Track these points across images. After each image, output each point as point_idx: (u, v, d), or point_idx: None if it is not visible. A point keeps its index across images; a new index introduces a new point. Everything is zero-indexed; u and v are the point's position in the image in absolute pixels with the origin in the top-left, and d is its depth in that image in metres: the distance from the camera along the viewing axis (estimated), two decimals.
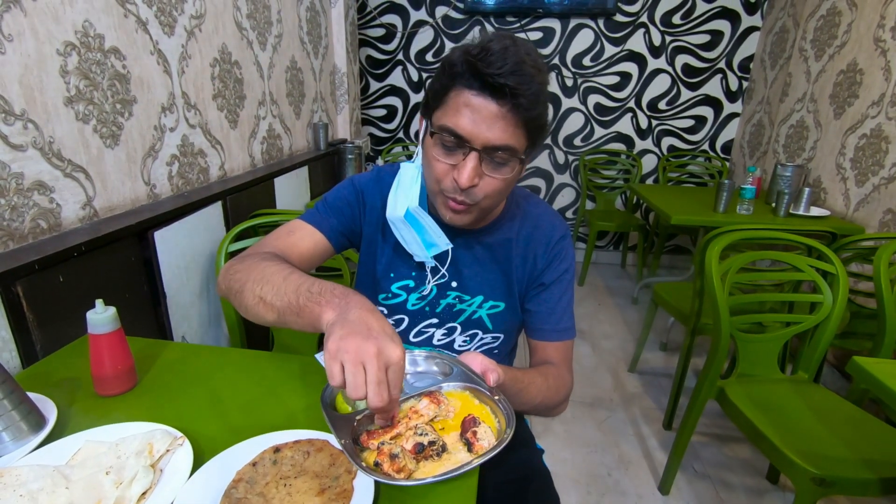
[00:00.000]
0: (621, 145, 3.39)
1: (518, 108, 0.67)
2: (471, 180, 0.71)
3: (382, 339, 0.54)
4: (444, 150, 0.73)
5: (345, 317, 0.57)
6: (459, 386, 0.68)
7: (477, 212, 0.77)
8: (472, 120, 0.68)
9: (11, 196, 0.94)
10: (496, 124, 0.68)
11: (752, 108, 3.09)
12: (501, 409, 0.62)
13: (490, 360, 0.70)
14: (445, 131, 0.70)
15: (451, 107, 0.70)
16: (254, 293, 0.68)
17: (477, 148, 0.70)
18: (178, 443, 0.65)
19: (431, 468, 0.58)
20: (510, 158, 0.71)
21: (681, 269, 3.55)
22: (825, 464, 1.10)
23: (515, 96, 0.66)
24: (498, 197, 0.76)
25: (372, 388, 0.52)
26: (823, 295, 1.37)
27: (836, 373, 2.08)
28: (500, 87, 0.65)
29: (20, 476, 0.58)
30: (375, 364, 0.53)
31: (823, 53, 2.43)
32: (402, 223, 0.83)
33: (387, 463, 0.56)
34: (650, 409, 2.01)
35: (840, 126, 2.26)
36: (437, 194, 0.78)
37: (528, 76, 0.66)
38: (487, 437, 0.60)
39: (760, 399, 1.35)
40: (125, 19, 1.20)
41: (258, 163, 1.96)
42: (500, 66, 0.64)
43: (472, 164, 0.70)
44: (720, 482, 1.64)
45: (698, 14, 3.05)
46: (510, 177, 0.73)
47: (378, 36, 3.31)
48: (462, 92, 0.69)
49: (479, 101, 0.67)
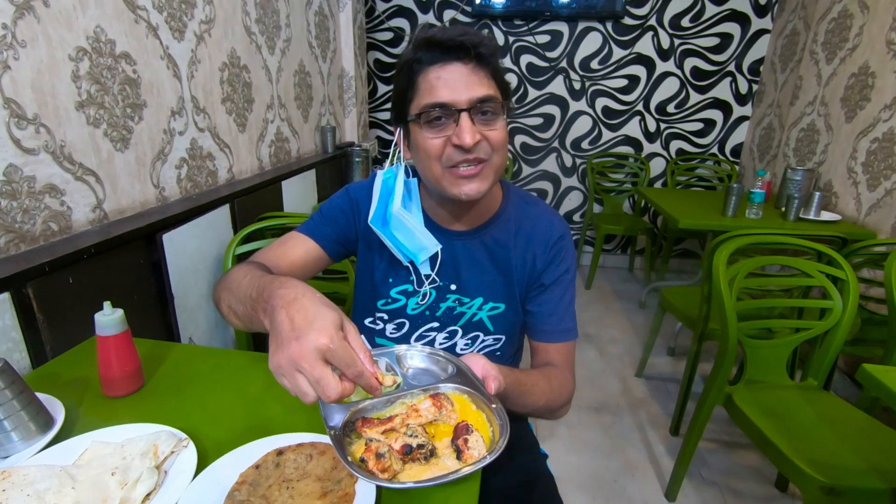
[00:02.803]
0: (629, 148, 3.38)
1: (482, 60, 0.72)
2: (473, 136, 0.72)
3: (303, 333, 0.49)
4: (434, 128, 0.74)
5: (272, 325, 0.54)
6: (458, 388, 0.67)
7: (491, 174, 0.77)
8: (448, 86, 0.72)
9: (23, 199, 0.96)
10: (470, 80, 0.72)
11: (762, 112, 3.06)
12: (497, 419, 0.61)
13: (492, 364, 0.69)
14: (428, 107, 0.73)
15: (424, 88, 0.73)
16: (226, 303, 0.70)
17: (464, 107, 0.72)
18: (182, 444, 0.65)
19: (417, 472, 0.57)
20: (496, 108, 0.74)
21: (689, 273, 3.52)
22: (834, 473, 1.08)
23: (476, 47, 0.71)
24: (505, 150, 0.78)
25: (316, 388, 0.49)
26: (834, 301, 1.36)
27: (846, 380, 2.05)
28: (459, 46, 0.71)
29: (28, 476, 0.59)
30: (308, 364, 0.48)
31: (835, 56, 2.40)
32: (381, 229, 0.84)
33: (372, 461, 0.55)
34: (657, 414, 2.00)
35: (852, 129, 2.23)
36: (442, 176, 0.76)
37: (475, 34, 0.72)
38: (478, 446, 0.58)
39: (769, 406, 1.33)
40: (136, 25, 1.22)
41: (266, 166, 1.97)
42: (450, 33, 0.71)
43: (468, 123, 0.72)
44: (728, 489, 1.62)
45: (708, 17, 3.03)
46: (503, 126, 0.76)
47: (386, 39, 3.32)
48: (427, 70, 0.73)
49: (447, 69, 0.72)
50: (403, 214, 0.82)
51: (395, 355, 0.71)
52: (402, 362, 0.71)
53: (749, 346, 1.42)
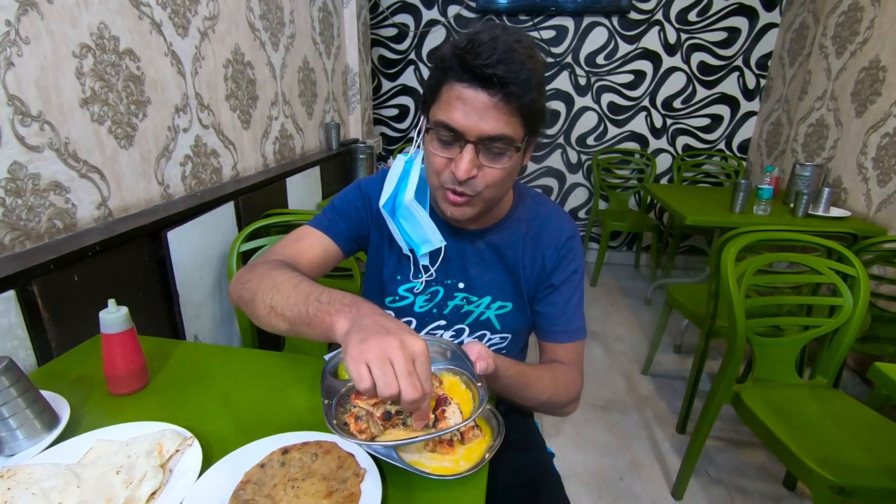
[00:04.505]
0: (635, 144, 3.35)
1: (510, 97, 0.66)
2: (467, 172, 0.70)
3: (402, 333, 0.54)
4: (441, 145, 0.73)
5: (359, 323, 0.57)
6: (449, 369, 0.71)
7: (480, 204, 0.76)
8: (465, 112, 0.68)
9: (28, 196, 0.96)
10: (489, 115, 0.68)
11: (770, 107, 3.03)
12: (480, 395, 0.65)
13: (488, 351, 0.71)
14: (440, 126, 0.71)
15: (445, 101, 0.70)
16: (265, 303, 0.69)
17: (472, 140, 0.70)
18: (187, 443, 0.65)
19: (396, 435, 0.63)
20: (507, 148, 0.71)
21: (696, 270, 3.50)
22: (844, 472, 1.07)
23: (505, 85, 0.65)
24: (500, 187, 0.75)
25: (403, 380, 0.51)
26: (844, 298, 1.34)
27: (856, 378, 2.03)
28: (488, 78, 0.65)
29: (33, 474, 0.59)
30: (402, 356, 0.52)
31: (845, 50, 2.37)
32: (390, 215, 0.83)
33: (352, 423, 0.61)
34: (663, 412, 1.99)
35: (862, 124, 2.20)
36: (437, 189, 0.77)
37: (518, 63, 0.65)
38: (455, 416, 0.63)
39: (777, 404, 1.32)
40: (140, 21, 1.21)
41: (270, 163, 1.97)
42: (487, 56, 0.64)
43: (469, 157, 0.70)
44: (735, 488, 1.61)
45: (715, 11, 3.00)
46: (509, 166, 0.73)
47: (390, 36, 3.31)
48: (453, 86, 0.69)
49: (470, 94, 0.67)
50: (414, 206, 0.82)
51: None
52: None
53: (757, 344, 1.40)
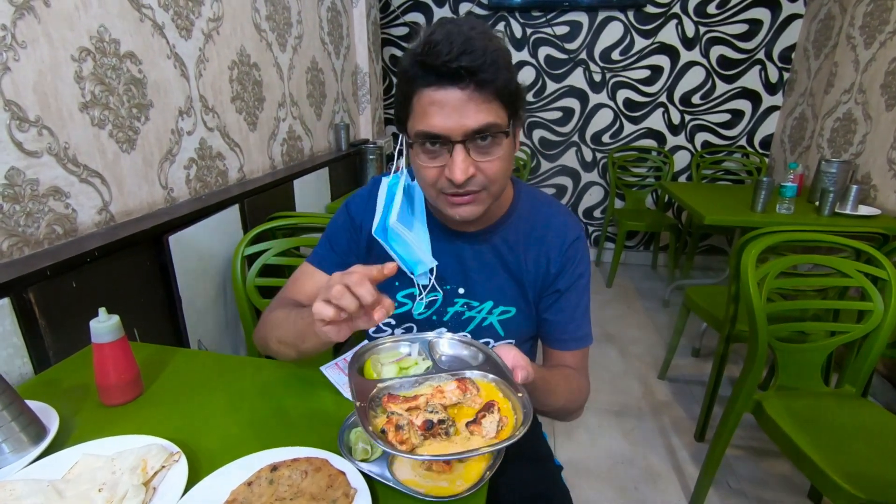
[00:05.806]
0: (652, 142, 3.27)
1: (483, 84, 0.64)
2: (464, 173, 0.67)
3: None
4: (428, 156, 0.70)
5: None
6: (485, 375, 0.67)
7: (488, 199, 0.74)
8: (443, 114, 0.66)
9: (26, 202, 0.95)
10: (467, 109, 0.65)
11: (794, 101, 2.92)
12: (522, 408, 0.60)
13: (523, 356, 0.67)
14: (422, 136, 0.68)
15: (419, 111, 0.68)
16: (274, 341, 0.81)
17: (458, 140, 0.66)
18: (173, 458, 0.63)
19: (437, 448, 0.57)
20: (496, 136, 0.68)
21: (715, 270, 3.40)
22: (873, 488, 1.01)
23: (473, 73, 0.63)
24: (503, 178, 0.73)
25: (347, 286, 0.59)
26: (874, 302, 1.26)
27: (887, 385, 1.94)
28: (455, 72, 0.63)
29: (14, 491, 0.57)
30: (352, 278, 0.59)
31: (874, 41, 2.26)
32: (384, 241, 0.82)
33: (392, 432, 0.57)
34: (681, 418, 1.92)
35: (893, 118, 2.10)
36: (437, 198, 0.74)
37: (480, 50, 0.63)
38: (491, 427, 0.58)
39: (802, 414, 1.25)
40: (141, 24, 1.20)
41: (278, 164, 1.96)
42: (447, 52, 0.62)
43: (461, 157, 0.67)
44: (757, 500, 1.54)
45: (735, 3, 2.90)
46: (504, 153, 0.70)
47: (401, 35, 3.28)
48: (423, 92, 0.66)
49: (442, 94, 0.65)
50: (399, 228, 0.80)
51: (427, 342, 0.73)
52: (434, 349, 0.72)
53: (780, 351, 1.34)
